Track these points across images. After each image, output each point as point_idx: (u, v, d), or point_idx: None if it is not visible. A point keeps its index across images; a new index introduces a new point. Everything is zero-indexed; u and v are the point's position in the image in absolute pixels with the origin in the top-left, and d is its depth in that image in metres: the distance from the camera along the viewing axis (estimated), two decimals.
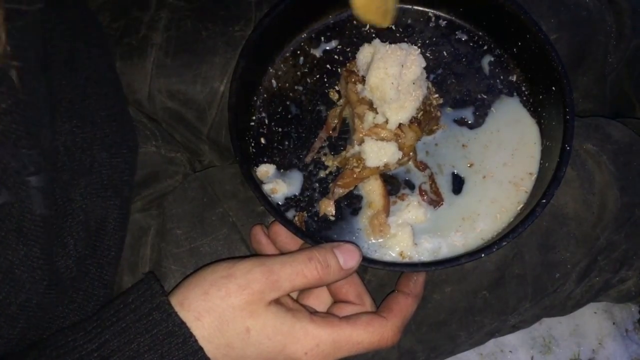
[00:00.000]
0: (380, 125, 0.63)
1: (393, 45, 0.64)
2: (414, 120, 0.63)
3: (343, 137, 0.68)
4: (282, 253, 0.59)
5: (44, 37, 0.56)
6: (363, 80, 0.65)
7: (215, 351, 0.49)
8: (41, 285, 0.51)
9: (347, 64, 0.68)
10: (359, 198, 0.65)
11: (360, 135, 0.63)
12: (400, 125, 0.63)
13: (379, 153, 0.62)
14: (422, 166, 0.66)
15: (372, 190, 0.64)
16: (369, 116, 0.63)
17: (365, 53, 0.66)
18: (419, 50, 0.64)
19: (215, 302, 0.49)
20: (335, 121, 0.67)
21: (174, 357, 0.47)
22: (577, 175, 0.68)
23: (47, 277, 0.51)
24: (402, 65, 0.62)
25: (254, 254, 0.64)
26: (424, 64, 0.63)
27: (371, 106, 0.64)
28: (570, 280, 0.72)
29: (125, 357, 0.47)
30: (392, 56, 0.62)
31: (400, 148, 0.63)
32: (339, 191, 0.64)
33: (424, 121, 0.65)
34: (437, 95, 0.68)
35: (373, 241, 0.62)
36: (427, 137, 0.67)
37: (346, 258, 0.53)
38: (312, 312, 0.54)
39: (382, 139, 0.63)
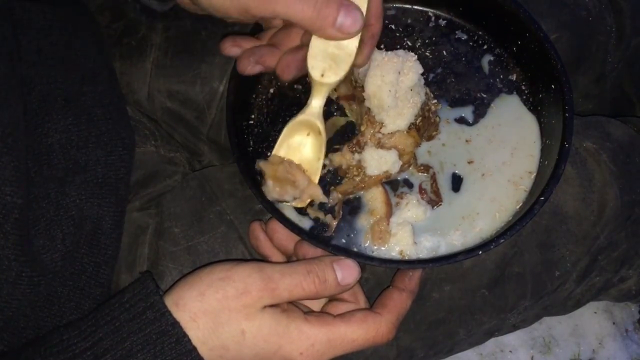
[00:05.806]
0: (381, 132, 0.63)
1: (390, 52, 0.64)
2: (412, 127, 0.63)
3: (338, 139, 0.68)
4: (279, 251, 0.60)
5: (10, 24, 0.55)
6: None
7: (209, 352, 0.49)
8: (10, 274, 0.50)
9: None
10: (357, 198, 0.64)
11: (364, 140, 0.63)
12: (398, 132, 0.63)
13: (379, 162, 0.62)
14: (424, 168, 0.65)
15: (374, 198, 0.64)
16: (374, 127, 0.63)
17: None
18: (416, 57, 0.64)
19: (212, 303, 0.49)
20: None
21: (167, 356, 0.47)
22: (577, 174, 0.68)
23: (17, 267, 0.50)
24: (399, 72, 0.62)
25: (252, 254, 0.65)
26: (421, 71, 0.63)
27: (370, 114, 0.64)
28: (571, 279, 0.71)
29: (118, 356, 0.46)
30: (389, 63, 0.62)
31: (400, 156, 0.63)
32: (338, 197, 0.64)
33: (422, 127, 0.64)
34: (435, 101, 0.67)
35: (372, 245, 0.62)
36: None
37: (345, 275, 0.53)
38: (306, 312, 0.54)
39: (382, 147, 0.62)
